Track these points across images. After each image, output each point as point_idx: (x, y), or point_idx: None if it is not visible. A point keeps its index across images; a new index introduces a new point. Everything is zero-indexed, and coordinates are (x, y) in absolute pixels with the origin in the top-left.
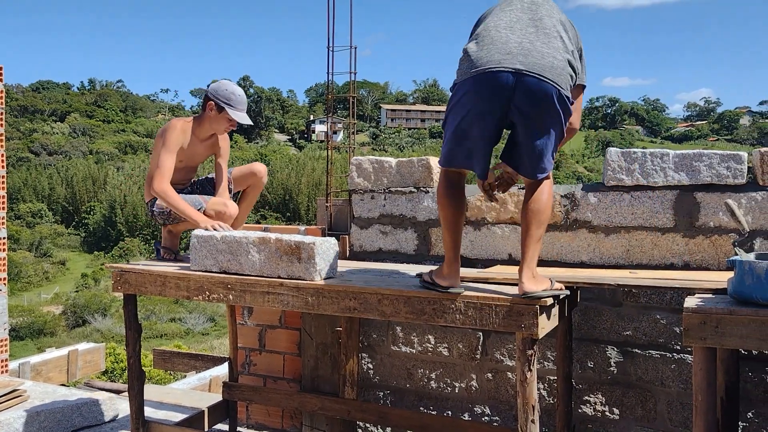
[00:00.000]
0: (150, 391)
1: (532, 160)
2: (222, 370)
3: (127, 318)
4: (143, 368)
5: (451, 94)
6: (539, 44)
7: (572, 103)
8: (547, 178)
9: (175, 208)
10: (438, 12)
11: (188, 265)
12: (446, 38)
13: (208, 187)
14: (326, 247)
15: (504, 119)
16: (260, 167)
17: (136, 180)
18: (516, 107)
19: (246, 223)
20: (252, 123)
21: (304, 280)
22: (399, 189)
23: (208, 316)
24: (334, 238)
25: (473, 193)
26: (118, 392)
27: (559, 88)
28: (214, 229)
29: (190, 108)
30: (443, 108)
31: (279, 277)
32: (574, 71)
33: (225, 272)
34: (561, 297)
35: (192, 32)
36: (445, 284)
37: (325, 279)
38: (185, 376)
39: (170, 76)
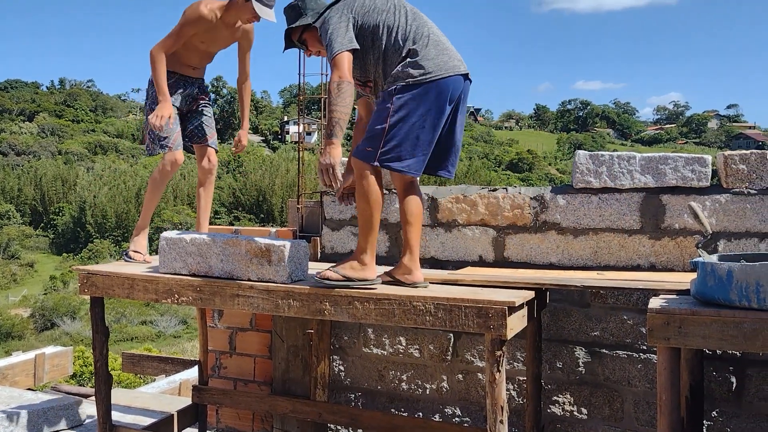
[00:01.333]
0: (118, 395)
1: (456, 159)
2: (192, 374)
3: (94, 321)
4: (112, 372)
5: (402, 95)
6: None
7: None
8: None
9: (155, 76)
10: None
11: (158, 266)
12: None
13: (197, 134)
14: (296, 250)
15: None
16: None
17: (106, 180)
18: (456, 107)
19: (219, 224)
20: (275, 21)
21: (274, 282)
22: None
23: (179, 319)
24: (304, 240)
25: (444, 194)
26: (85, 396)
27: None
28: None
29: None
30: None
31: (249, 280)
32: None
33: (194, 275)
34: (529, 299)
35: (165, 31)
36: (371, 276)
37: (295, 281)
38: (155, 380)
39: (142, 76)
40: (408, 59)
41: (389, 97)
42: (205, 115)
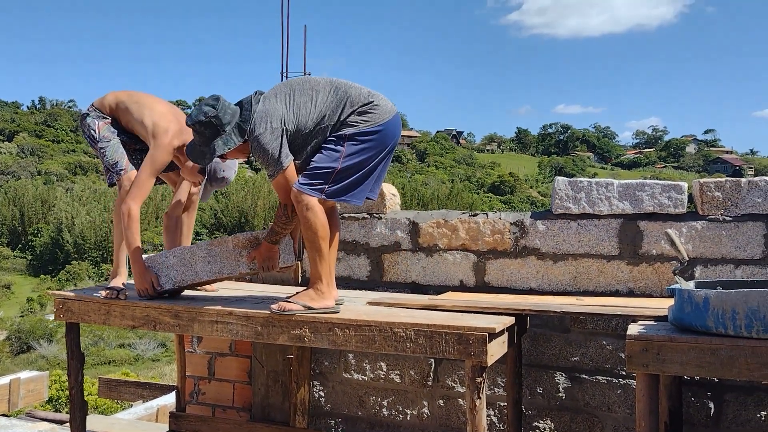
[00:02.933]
0: (94, 422)
1: (381, 183)
2: (170, 399)
3: (70, 347)
4: (89, 397)
5: (353, 142)
6: None
7: None
8: None
9: (127, 235)
10: (394, 39)
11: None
12: (402, 64)
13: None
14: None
15: None
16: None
17: (85, 201)
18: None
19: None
20: (231, 181)
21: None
22: (352, 215)
23: (158, 342)
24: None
25: (425, 219)
26: (61, 423)
27: None
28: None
29: None
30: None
31: (240, 274)
32: None
33: (179, 287)
34: (509, 325)
35: (146, 53)
36: (332, 303)
37: (288, 265)
38: (132, 405)
39: None
40: (350, 109)
41: (340, 140)
42: None
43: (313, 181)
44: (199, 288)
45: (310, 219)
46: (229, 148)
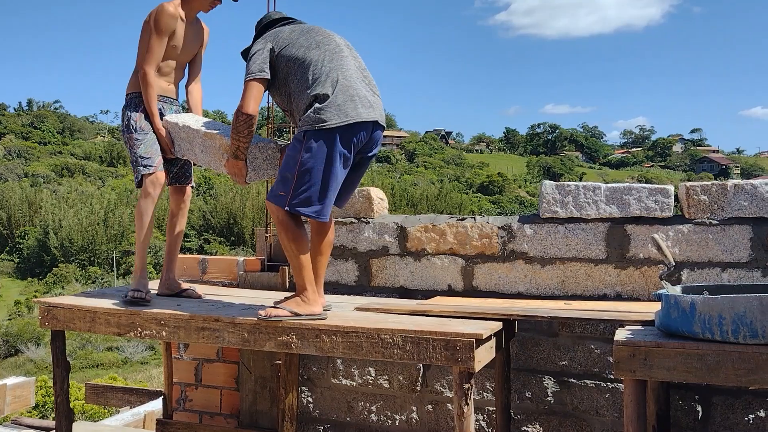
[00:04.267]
0: (80, 429)
1: (351, 194)
2: (157, 405)
3: (55, 355)
4: (76, 402)
5: (310, 143)
6: (376, 98)
7: None
8: None
9: (146, 98)
10: (383, 40)
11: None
12: (391, 65)
13: (183, 175)
14: (265, 149)
15: None
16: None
17: (72, 203)
18: (363, 153)
19: (189, 246)
20: (237, 0)
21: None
22: (339, 219)
23: (147, 345)
24: (276, 141)
25: (413, 224)
26: (47, 429)
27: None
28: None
29: None
30: (390, 133)
31: (218, 171)
32: None
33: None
34: (497, 330)
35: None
36: (319, 310)
37: (263, 178)
38: (119, 411)
39: (111, 97)
40: (316, 104)
41: (298, 143)
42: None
43: (279, 191)
44: (184, 295)
45: (282, 229)
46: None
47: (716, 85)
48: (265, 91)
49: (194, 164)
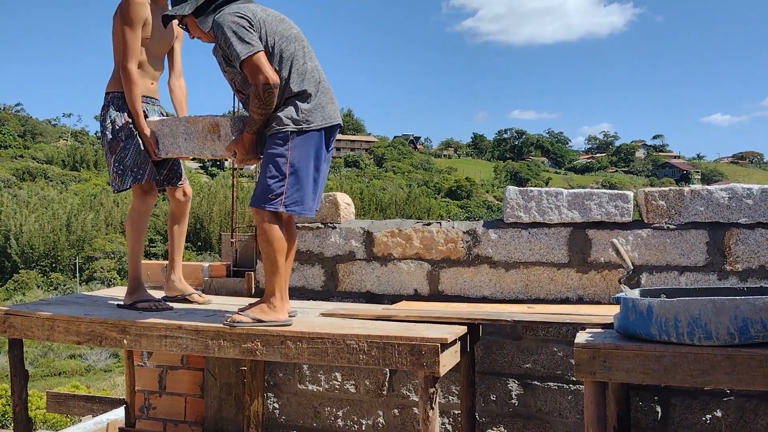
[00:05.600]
0: None
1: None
2: (121, 413)
3: (13, 364)
4: (38, 411)
5: (296, 143)
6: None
7: None
8: None
9: (129, 96)
10: (351, 45)
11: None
12: (359, 69)
13: (174, 176)
14: (242, 125)
15: None
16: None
17: (33, 208)
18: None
19: (155, 252)
20: None
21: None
22: (306, 224)
23: (110, 352)
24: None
25: (380, 228)
26: None
27: None
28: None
29: (95, 134)
30: (358, 137)
31: (209, 157)
32: None
33: (168, 157)
34: (462, 334)
35: (99, 55)
36: (284, 317)
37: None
38: (81, 420)
39: (74, 101)
40: (299, 102)
41: (282, 142)
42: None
43: (268, 194)
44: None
45: (265, 231)
46: (182, 12)
47: (677, 92)
48: None
49: (179, 158)
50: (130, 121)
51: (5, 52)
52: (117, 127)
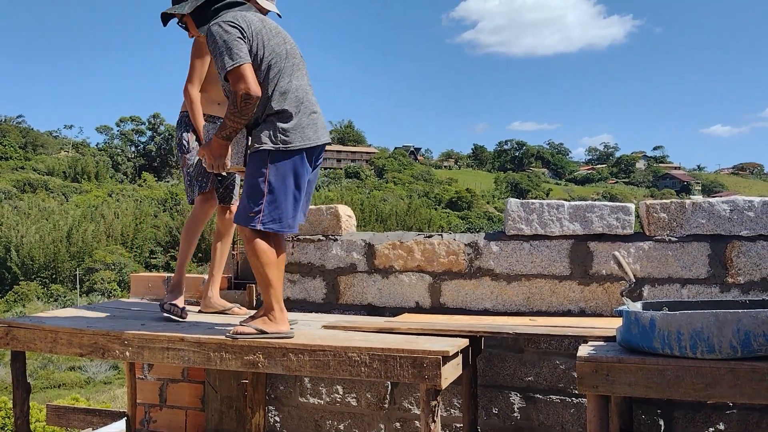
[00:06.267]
0: None
1: (307, 207)
2: (121, 426)
3: (15, 376)
4: (38, 423)
5: (275, 162)
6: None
7: None
8: None
9: (191, 115)
10: (352, 57)
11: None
12: (360, 81)
13: (227, 196)
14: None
15: None
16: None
17: (34, 219)
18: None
19: (155, 263)
20: (280, 15)
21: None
22: (307, 237)
23: (110, 364)
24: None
25: (381, 241)
26: None
27: None
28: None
29: (96, 145)
30: (359, 148)
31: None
32: None
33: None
34: (463, 347)
35: (100, 67)
36: (286, 328)
37: (238, 167)
38: None
39: (75, 113)
40: (279, 123)
41: (262, 162)
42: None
43: (249, 212)
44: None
45: (252, 249)
46: (181, 11)
47: (677, 103)
48: None
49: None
50: (195, 137)
51: (7, 65)
52: (185, 143)
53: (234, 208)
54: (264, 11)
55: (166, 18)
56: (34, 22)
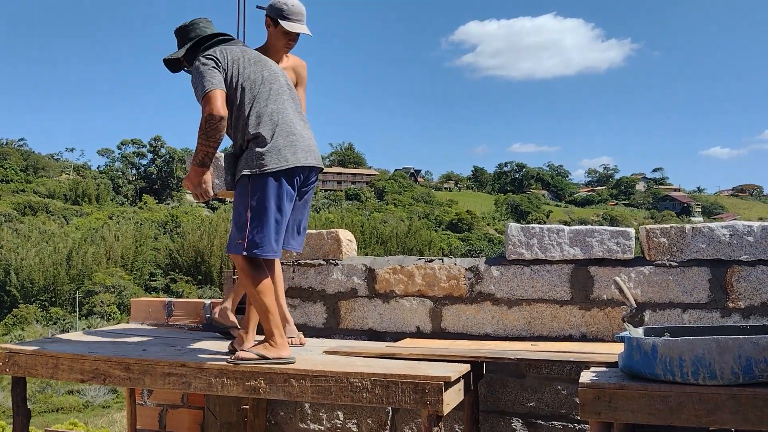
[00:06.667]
0: None
1: (301, 236)
2: None
3: (15, 402)
4: None
5: (255, 185)
6: (313, 140)
7: None
8: None
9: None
10: (353, 80)
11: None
12: (360, 104)
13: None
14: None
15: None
16: None
17: (34, 242)
18: (301, 194)
19: (155, 286)
20: (311, 34)
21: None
22: (308, 261)
23: (109, 388)
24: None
25: (382, 265)
26: None
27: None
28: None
29: (97, 167)
30: (359, 171)
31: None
32: None
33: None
34: (465, 372)
35: (101, 90)
36: (287, 354)
37: (225, 191)
38: None
39: (77, 136)
40: (256, 147)
41: (245, 188)
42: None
43: (237, 239)
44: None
45: (245, 277)
46: (176, 56)
47: (676, 125)
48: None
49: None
50: None
51: (10, 88)
52: None
53: None
54: (292, 36)
55: (170, 65)
56: (36, 46)
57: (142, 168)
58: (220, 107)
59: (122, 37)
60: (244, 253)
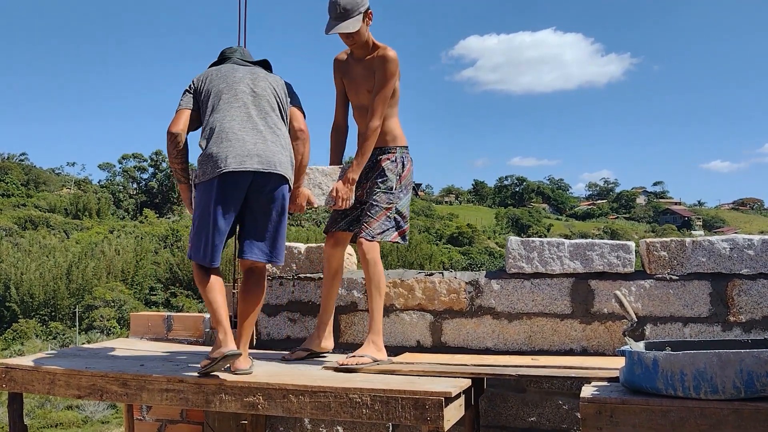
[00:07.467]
0: None
1: (273, 245)
2: None
3: (12, 418)
4: None
5: (197, 192)
6: (265, 144)
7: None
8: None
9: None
10: None
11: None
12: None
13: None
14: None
15: (239, 214)
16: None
17: (34, 257)
18: (249, 202)
19: (156, 300)
20: (353, 30)
21: None
22: (308, 275)
23: (108, 403)
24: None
25: None
26: None
27: (287, 179)
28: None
29: (98, 182)
30: None
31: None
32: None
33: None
34: (466, 388)
35: (103, 105)
36: (226, 350)
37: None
38: None
39: (78, 150)
40: (200, 158)
41: (193, 195)
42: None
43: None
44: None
45: (197, 282)
46: None
47: (676, 139)
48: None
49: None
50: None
51: (11, 102)
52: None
53: (362, 240)
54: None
55: None
56: (37, 60)
57: (143, 182)
58: (176, 124)
59: (125, 51)
60: (189, 257)
